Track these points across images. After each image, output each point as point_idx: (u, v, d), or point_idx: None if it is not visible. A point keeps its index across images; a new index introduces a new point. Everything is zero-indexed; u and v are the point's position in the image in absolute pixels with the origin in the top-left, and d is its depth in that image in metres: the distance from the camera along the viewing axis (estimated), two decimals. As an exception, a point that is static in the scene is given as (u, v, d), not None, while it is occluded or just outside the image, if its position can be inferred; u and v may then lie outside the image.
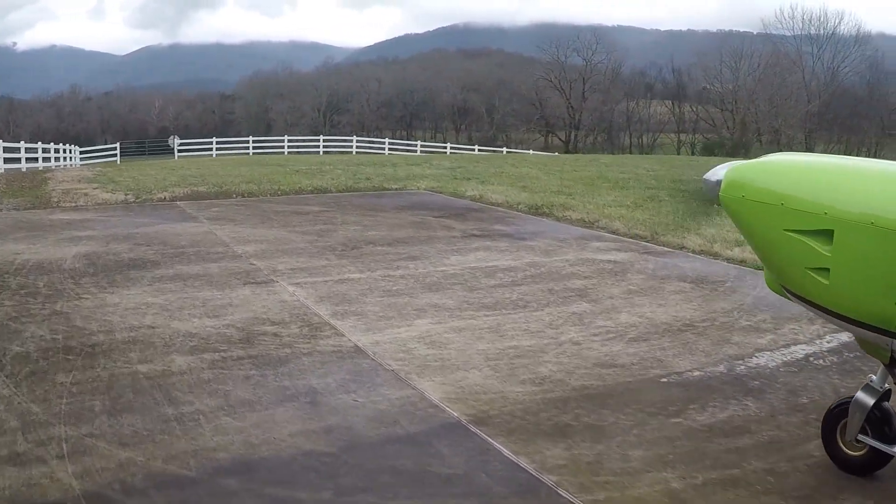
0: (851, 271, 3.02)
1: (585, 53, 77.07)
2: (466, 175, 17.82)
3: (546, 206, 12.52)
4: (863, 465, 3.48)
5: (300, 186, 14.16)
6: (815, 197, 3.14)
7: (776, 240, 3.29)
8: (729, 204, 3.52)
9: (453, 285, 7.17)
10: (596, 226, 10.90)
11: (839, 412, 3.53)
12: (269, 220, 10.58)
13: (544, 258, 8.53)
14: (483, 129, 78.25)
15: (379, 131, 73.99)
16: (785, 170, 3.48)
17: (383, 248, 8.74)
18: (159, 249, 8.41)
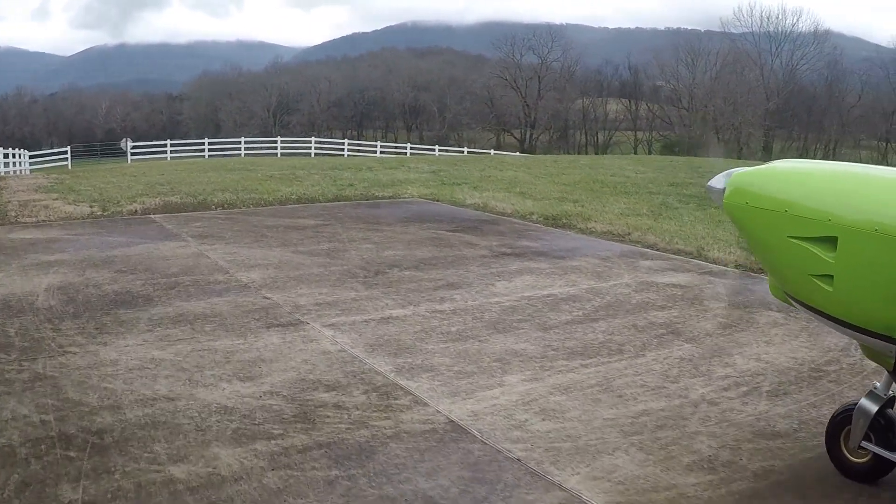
0: (855, 278, 2.98)
1: (541, 51, 76.51)
2: (453, 180, 16.61)
3: (561, 216, 11.38)
4: (866, 472, 3.42)
5: (282, 195, 12.77)
6: (819, 203, 3.10)
7: (780, 247, 3.26)
8: (733, 211, 3.50)
9: (520, 323, 5.95)
10: (628, 239, 9.80)
11: (842, 419, 3.48)
12: (264, 237, 9.21)
13: (600, 283, 7.37)
14: (435, 128, 77.15)
15: (329, 131, 72.26)
16: (789, 176, 3.45)
17: (411, 273, 7.48)
18: (148, 279, 7.00)
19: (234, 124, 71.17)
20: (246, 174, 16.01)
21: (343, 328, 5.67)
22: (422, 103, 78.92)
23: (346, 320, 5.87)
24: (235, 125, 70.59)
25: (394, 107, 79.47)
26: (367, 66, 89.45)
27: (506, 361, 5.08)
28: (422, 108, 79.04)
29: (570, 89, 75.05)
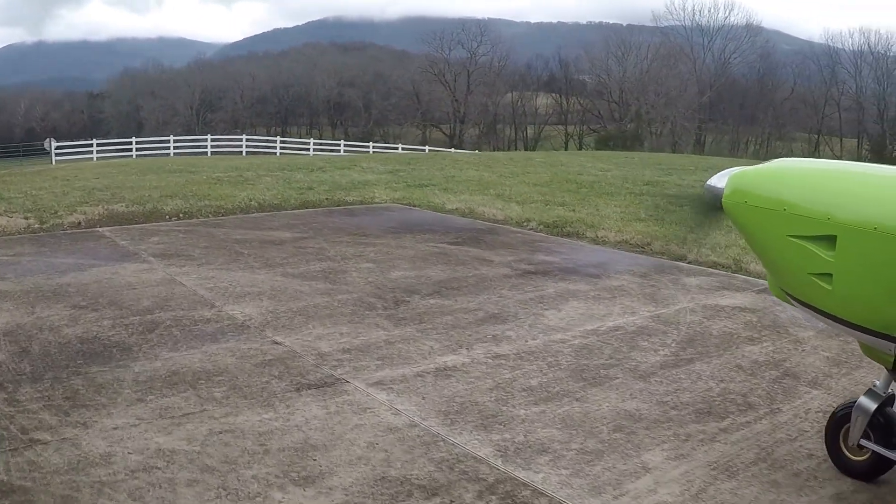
0: (854, 277, 2.97)
1: (470, 46, 75.58)
2: (417, 181, 15.35)
3: (561, 223, 10.28)
4: (865, 470, 3.39)
5: (239, 201, 11.28)
6: (818, 202, 3.08)
7: (779, 246, 3.25)
8: (732, 210, 3.48)
9: (608, 368, 4.79)
10: (650, 250, 8.77)
11: (842, 417, 3.44)
12: (239, 255, 7.79)
13: (660, 308, 6.27)
14: (360, 124, 75.47)
15: (254, 128, 69.73)
16: (788, 175, 3.42)
17: (437, 302, 6.22)
18: (116, 317, 5.56)
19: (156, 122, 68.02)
20: (189, 177, 14.37)
21: (396, 388, 4.38)
22: (347, 99, 77.01)
23: (394, 375, 4.58)
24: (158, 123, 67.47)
25: (318, 103, 77.33)
26: (290, 62, 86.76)
27: (630, 431, 3.90)
28: (347, 104, 77.13)
29: (500, 84, 74.28)
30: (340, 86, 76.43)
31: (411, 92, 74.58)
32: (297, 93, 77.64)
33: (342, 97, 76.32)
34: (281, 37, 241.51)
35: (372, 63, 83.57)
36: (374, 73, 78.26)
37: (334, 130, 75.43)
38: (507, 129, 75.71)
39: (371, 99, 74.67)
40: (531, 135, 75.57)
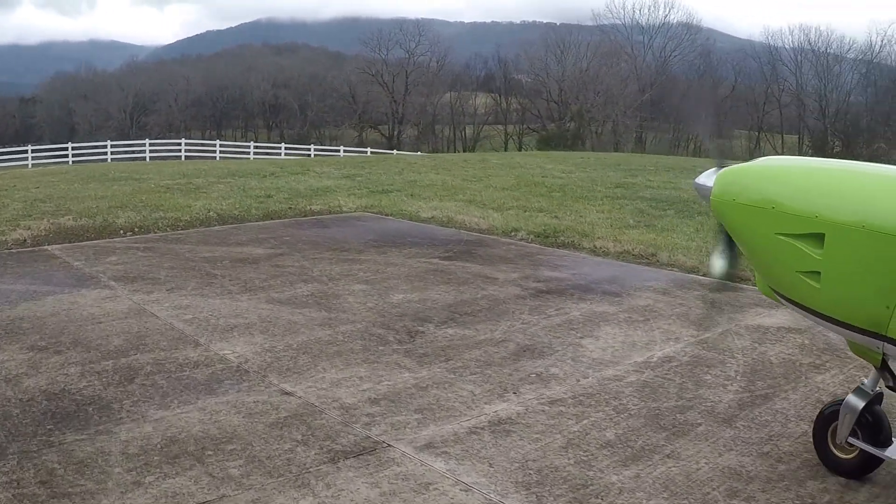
0: (842, 275, 2.96)
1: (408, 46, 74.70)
2: (378, 186, 14.52)
3: (551, 232, 9.61)
4: (853, 468, 3.37)
5: (196, 213, 10.30)
6: (806, 200, 3.06)
7: (767, 243, 3.22)
8: (720, 208, 3.48)
9: (684, 413, 4.12)
10: (657, 262, 8.15)
11: (830, 415, 3.42)
12: (213, 277, 6.88)
13: (702, 332, 5.62)
14: (296, 126, 73.89)
15: (188, 131, 67.58)
16: (776, 173, 3.43)
17: (457, 332, 5.45)
18: (85, 361, 4.65)
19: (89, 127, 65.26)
20: (135, 185, 13.26)
21: (453, 451, 3.60)
22: (282, 101, 75.33)
23: (443, 433, 3.80)
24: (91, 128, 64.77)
25: (253, 105, 75.50)
26: (224, 64, 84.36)
27: (747, 496, 3.27)
28: (282, 106, 75.45)
29: (438, 84, 73.58)
30: (275, 88, 74.70)
31: (347, 93, 73.41)
32: (231, 95, 75.61)
33: (277, 99, 74.61)
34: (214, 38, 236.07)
35: (307, 64, 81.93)
36: (310, 74, 76.69)
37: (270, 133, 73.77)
38: (446, 129, 75.03)
39: (307, 101, 73.15)
40: (470, 135, 75.07)
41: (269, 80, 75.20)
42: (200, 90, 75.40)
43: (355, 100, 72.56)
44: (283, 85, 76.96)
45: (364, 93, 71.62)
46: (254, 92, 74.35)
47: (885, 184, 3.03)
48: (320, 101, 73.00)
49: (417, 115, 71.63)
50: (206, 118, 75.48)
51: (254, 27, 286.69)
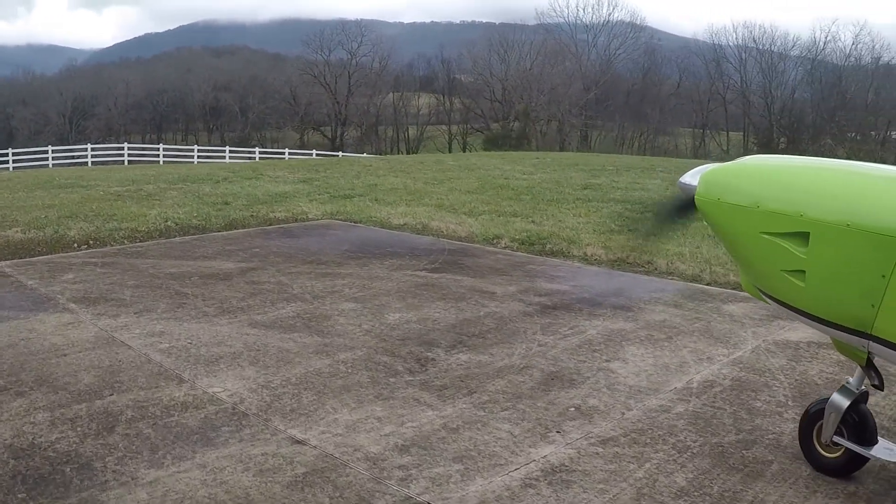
0: (827, 273, 2.95)
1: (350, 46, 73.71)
2: (339, 191, 13.90)
3: (535, 239, 9.17)
4: (838, 467, 3.34)
5: (153, 222, 9.55)
6: (791, 199, 3.05)
7: (752, 242, 3.21)
8: (704, 207, 3.45)
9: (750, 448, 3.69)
10: (657, 271, 7.72)
11: (816, 413, 3.40)
12: (184, 297, 6.21)
13: (733, 350, 5.22)
14: (237, 128, 72.38)
15: (128, 135, 65.39)
16: (760, 172, 3.42)
17: (472, 358, 4.91)
18: (54, 405, 3.98)
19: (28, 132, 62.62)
20: (83, 192, 12.37)
21: (512, 515, 3.05)
22: (223, 104, 73.70)
23: (495, 488, 3.25)
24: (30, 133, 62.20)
25: (194, 108, 73.70)
26: (163, 67, 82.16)
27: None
28: (223, 109, 73.81)
29: (381, 85, 72.76)
30: (216, 90, 73.03)
31: (289, 95, 72.21)
32: (171, 98, 73.65)
33: (218, 102, 72.90)
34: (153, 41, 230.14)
35: (246, 66, 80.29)
36: (250, 76, 75.13)
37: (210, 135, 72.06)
38: (389, 130, 74.30)
39: (248, 103, 71.68)
40: (413, 135, 74.48)
41: (210, 82, 73.55)
42: (140, 93, 73.38)
43: (297, 101, 71.36)
44: (224, 87, 75.38)
45: (306, 94, 70.43)
46: (194, 95, 72.63)
47: (870, 182, 3.01)
48: (261, 104, 71.60)
49: (360, 116, 70.73)
50: (147, 122, 73.48)
51: (192, 30, 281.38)
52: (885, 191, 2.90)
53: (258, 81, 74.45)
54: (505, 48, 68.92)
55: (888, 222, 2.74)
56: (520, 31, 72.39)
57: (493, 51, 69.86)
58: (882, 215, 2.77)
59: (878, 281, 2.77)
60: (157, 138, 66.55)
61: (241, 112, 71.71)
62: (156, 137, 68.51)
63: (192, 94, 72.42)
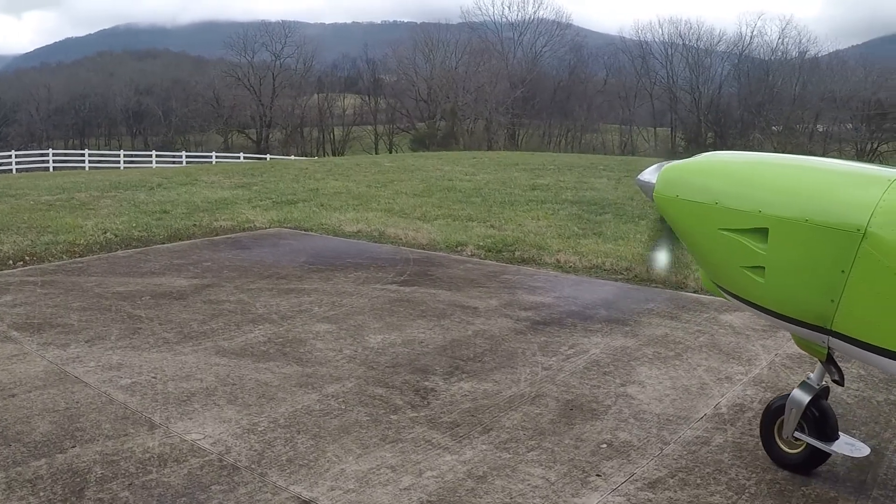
0: (787, 269, 2.93)
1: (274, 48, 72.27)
2: (281, 197, 13.29)
3: (502, 246, 8.79)
4: (799, 462, 3.34)
5: (91, 235, 8.81)
6: (750, 195, 3.04)
7: (711, 239, 3.19)
8: (663, 204, 3.44)
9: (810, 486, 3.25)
10: (636, 278, 7.39)
11: (777, 409, 3.39)
12: (137, 320, 5.57)
13: (749, 367, 4.89)
14: (161, 132, 70.42)
15: (51, 141, 62.77)
16: (719, 168, 3.37)
17: (475, 387, 4.45)
18: (6, 462, 3.39)
19: (-54, 139, 59.96)
20: (12, 202, 11.42)
21: (581, 589, 2.59)
22: (145, 108, 71.71)
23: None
24: (-52, 140, 59.56)
25: (116, 112, 71.53)
26: (85, 72, 79.51)
27: None
28: (146, 113, 71.78)
29: (305, 86, 71.59)
30: (138, 94, 71.15)
31: (212, 98, 70.60)
32: (94, 103, 71.40)
33: (140, 106, 71.00)
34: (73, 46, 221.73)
35: (168, 70, 78.59)
36: (172, 79, 73.45)
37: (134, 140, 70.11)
38: (314, 131, 73.17)
39: (170, 106, 69.85)
40: (338, 136, 73.53)
41: (132, 86, 71.77)
42: (62, 99, 70.99)
43: (220, 104, 69.82)
44: (146, 91, 73.63)
45: (230, 97, 68.92)
46: (116, 99, 70.75)
47: (828, 177, 2.98)
48: (184, 107, 69.91)
49: (285, 118, 69.44)
50: (69, 127, 71.00)
51: (113, 34, 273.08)
52: (843, 186, 2.87)
53: (180, 84, 72.93)
54: (430, 47, 68.55)
55: (847, 217, 2.71)
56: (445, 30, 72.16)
57: (419, 50, 69.43)
58: (840, 210, 2.74)
59: (837, 276, 2.75)
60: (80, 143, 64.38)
61: (164, 116, 70.02)
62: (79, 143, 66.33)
63: (114, 99, 70.59)
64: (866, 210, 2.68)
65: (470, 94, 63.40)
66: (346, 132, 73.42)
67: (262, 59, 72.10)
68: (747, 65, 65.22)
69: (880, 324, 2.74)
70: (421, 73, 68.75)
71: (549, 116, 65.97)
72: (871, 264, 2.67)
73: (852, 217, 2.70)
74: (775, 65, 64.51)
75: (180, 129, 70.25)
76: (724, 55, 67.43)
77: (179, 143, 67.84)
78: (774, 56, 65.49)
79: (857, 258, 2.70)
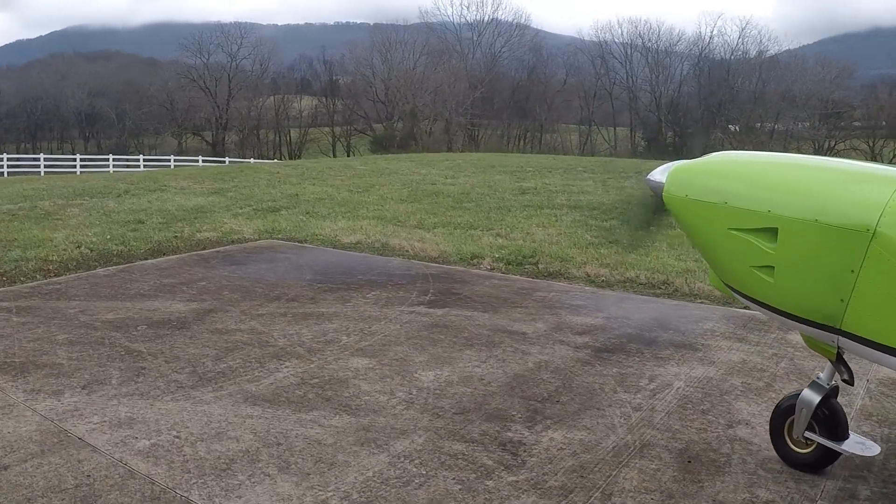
0: (796, 269, 2.91)
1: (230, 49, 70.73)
2: (262, 204, 12.50)
3: (519, 258, 8.16)
4: (810, 462, 3.30)
5: (64, 250, 7.94)
6: (759, 195, 3.03)
7: (721, 239, 3.18)
8: (672, 204, 3.43)
9: None
10: (675, 291, 6.80)
11: (786, 409, 3.36)
12: (138, 358, 4.78)
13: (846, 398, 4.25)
14: (114, 135, 68.58)
15: (2, 145, 60.52)
16: (728, 168, 3.38)
17: (565, 437, 3.78)
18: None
19: None
20: (-32, 213, 10.44)
21: None
22: (98, 110, 69.79)
23: None
24: None
25: (69, 115, 69.49)
26: (37, 74, 76.77)
27: None
28: (98, 116, 69.84)
29: (262, 87, 70.22)
30: (91, 97, 69.18)
31: (166, 100, 68.98)
32: (46, 106, 69.29)
33: (93, 108, 69.07)
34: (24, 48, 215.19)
35: (121, 72, 76.68)
36: (125, 82, 71.63)
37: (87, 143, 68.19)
38: (271, 133, 71.81)
39: (124, 109, 68.05)
40: (295, 138, 72.28)
41: (84, 88, 69.78)
42: (13, 102, 68.76)
43: (174, 106, 68.21)
44: (99, 94, 71.80)
45: (184, 99, 67.33)
46: (69, 102, 68.69)
47: (837, 177, 2.95)
48: (137, 109, 68.15)
49: (241, 120, 68.01)
50: (21, 130, 68.81)
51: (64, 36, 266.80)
52: (852, 186, 2.83)
53: (133, 87, 71.38)
54: (387, 48, 67.69)
55: (856, 217, 2.69)
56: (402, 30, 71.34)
57: (376, 50, 68.55)
58: (849, 210, 2.71)
59: (846, 276, 2.72)
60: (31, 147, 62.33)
61: (117, 118, 68.31)
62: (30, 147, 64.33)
63: (66, 102, 68.69)
64: (875, 210, 2.64)
65: (429, 94, 62.70)
66: (302, 134, 72.20)
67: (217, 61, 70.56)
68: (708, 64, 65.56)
69: (890, 323, 2.68)
70: (378, 73, 67.85)
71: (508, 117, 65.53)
72: (881, 264, 2.63)
73: (861, 217, 2.67)
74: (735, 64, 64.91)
75: (134, 131, 68.47)
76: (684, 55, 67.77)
77: (133, 146, 66.20)
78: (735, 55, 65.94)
79: (866, 258, 2.66)
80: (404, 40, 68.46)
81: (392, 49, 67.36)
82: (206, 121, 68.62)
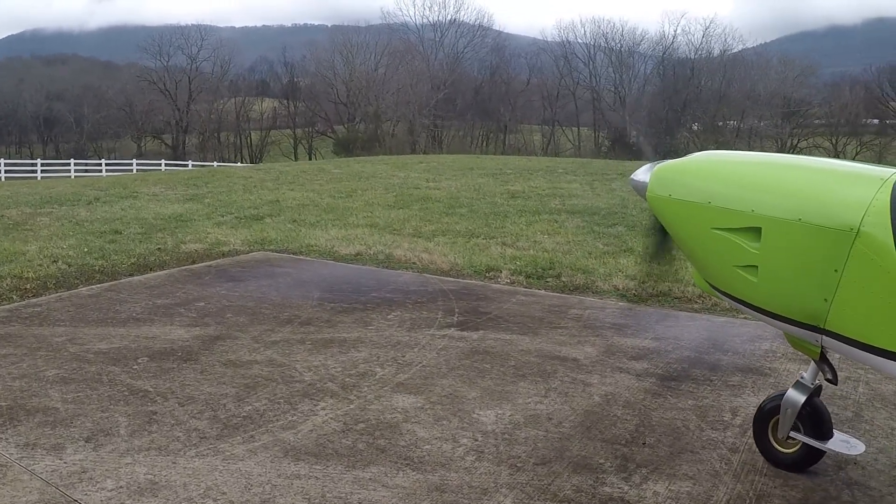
0: (780, 269, 2.91)
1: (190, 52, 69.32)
2: (244, 212, 11.85)
3: (536, 270, 7.61)
4: (795, 461, 3.29)
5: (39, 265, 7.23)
6: (742, 195, 3.03)
7: (704, 238, 3.17)
8: (656, 203, 3.42)
9: None
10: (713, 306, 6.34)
11: (771, 409, 3.35)
12: (147, 400, 4.15)
13: None
14: (72, 139, 67.02)
15: None
16: (712, 168, 3.36)
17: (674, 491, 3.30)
18: None
19: None
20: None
21: None
22: (56, 114, 68.21)
23: None
24: None
25: (27, 119, 67.81)
26: (-6, 79, 75.70)
27: None
28: (56, 120, 68.24)
29: (222, 90, 68.98)
30: (48, 100, 67.75)
31: (124, 103, 67.60)
32: (3, 110, 67.81)
33: (51, 112, 67.56)
34: None
35: (79, 75, 75.44)
36: (83, 85, 70.25)
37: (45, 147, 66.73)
38: (231, 136, 70.61)
39: (82, 113, 66.53)
40: (256, 141, 71.17)
41: (42, 92, 68.38)
42: (-29, 106, 67.04)
43: (133, 109, 66.82)
44: (57, 97, 70.34)
45: (143, 102, 66.00)
46: (26, 105, 67.17)
47: (821, 177, 2.93)
48: (96, 113, 66.72)
49: (202, 122, 66.73)
50: (-22, 135, 67.16)
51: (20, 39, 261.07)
52: (835, 185, 2.82)
53: (91, 90, 70.20)
54: (348, 49, 66.88)
55: (839, 217, 2.68)
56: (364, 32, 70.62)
57: (337, 51, 67.73)
58: (833, 210, 2.71)
59: (830, 275, 2.71)
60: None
61: (75, 122, 66.90)
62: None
63: (24, 105, 67.22)
64: (859, 209, 2.64)
65: (391, 95, 62.05)
66: (263, 136, 71.12)
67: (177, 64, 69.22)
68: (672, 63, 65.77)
69: (873, 322, 2.67)
70: (340, 75, 67.03)
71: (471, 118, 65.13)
72: (864, 263, 2.63)
73: (845, 216, 2.67)
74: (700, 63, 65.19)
75: (93, 135, 67.12)
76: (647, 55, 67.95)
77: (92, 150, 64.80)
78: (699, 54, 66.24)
79: (850, 257, 2.65)
80: (366, 42, 67.74)
81: (353, 50, 66.56)
82: (166, 124, 67.38)
